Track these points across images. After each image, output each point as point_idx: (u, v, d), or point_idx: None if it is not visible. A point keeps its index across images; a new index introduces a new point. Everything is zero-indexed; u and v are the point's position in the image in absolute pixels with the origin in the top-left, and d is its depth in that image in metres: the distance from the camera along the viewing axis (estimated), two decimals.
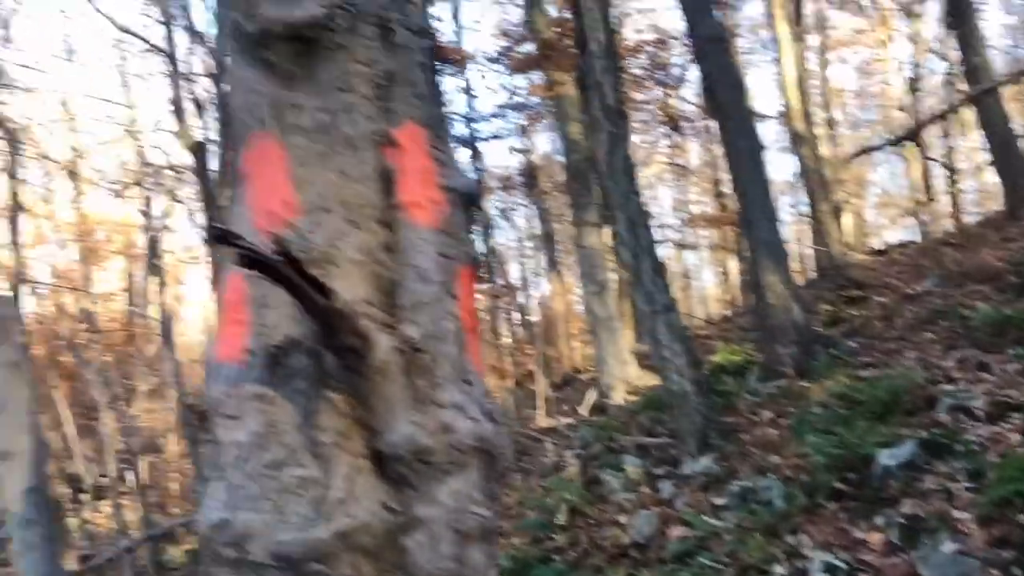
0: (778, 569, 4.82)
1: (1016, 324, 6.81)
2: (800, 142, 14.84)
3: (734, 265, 20.09)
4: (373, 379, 1.31)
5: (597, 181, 10.60)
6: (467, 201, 1.56)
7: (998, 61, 19.25)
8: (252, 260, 1.14)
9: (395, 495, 1.32)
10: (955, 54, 15.96)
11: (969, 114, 17.39)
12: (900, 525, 4.59)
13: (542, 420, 11.27)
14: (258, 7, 1.45)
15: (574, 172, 12.58)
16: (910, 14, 23.66)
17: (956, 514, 4.43)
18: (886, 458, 5.19)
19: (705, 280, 26.00)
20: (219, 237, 1.16)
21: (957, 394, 5.80)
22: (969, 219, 16.75)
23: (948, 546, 4.15)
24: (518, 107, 16.07)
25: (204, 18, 20.52)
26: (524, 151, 18.67)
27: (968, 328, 7.33)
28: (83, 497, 15.13)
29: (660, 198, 25.65)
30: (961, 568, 3.97)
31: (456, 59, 14.30)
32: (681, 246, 20.88)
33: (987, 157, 14.35)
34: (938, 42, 20.53)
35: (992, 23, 40.89)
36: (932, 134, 22.98)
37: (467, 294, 1.49)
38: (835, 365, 8.08)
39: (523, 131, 17.72)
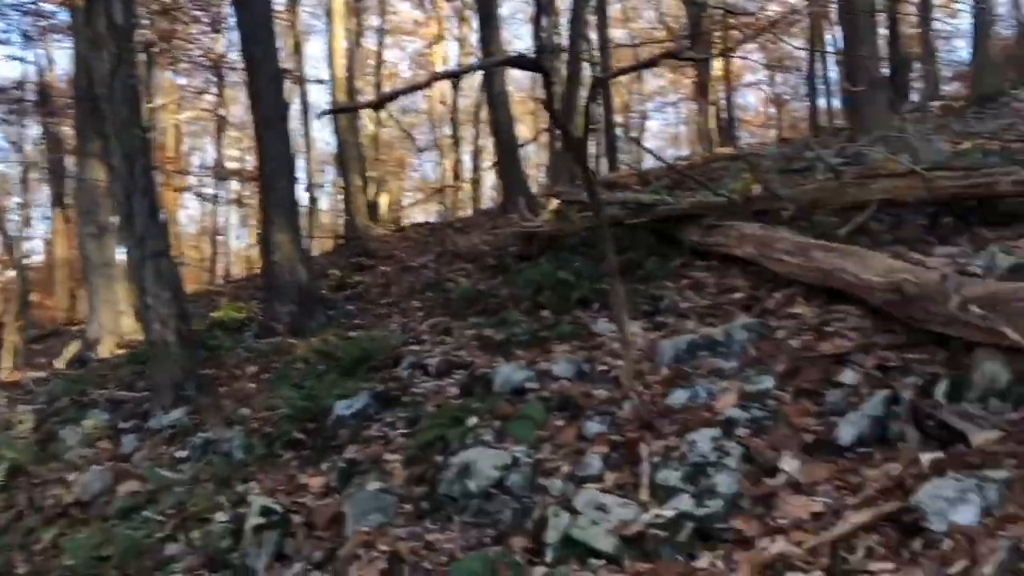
0: (220, 517, 4.71)
1: (484, 298, 7.71)
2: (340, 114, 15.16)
3: None
4: None
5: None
6: None
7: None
8: None
9: None
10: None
11: None
12: (340, 469, 4.81)
13: (7, 374, 9.74)
14: None
15: (83, 95, 11.09)
16: (461, 18, 26.02)
17: (388, 457, 4.78)
18: (342, 408, 5.43)
19: (240, 240, 25.33)
20: None
21: (420, 353, 6.31)
22: (481, 209, 18.88)
23: (373, 485, 4.44)
24: (26, 9, 13.64)
25: None
26: (30, 62, 16.02)
27: (448, 299, 8.12)
28: None
29: (205, 148, 24.35)
30: (380, 503, 4.24)
31: None
32: (205, 198, 19.93)
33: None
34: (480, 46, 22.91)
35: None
36: (466, 132, 25.58)
37: None
38: (330, 326, 8.34)
39: (27, 39, 15.06)
